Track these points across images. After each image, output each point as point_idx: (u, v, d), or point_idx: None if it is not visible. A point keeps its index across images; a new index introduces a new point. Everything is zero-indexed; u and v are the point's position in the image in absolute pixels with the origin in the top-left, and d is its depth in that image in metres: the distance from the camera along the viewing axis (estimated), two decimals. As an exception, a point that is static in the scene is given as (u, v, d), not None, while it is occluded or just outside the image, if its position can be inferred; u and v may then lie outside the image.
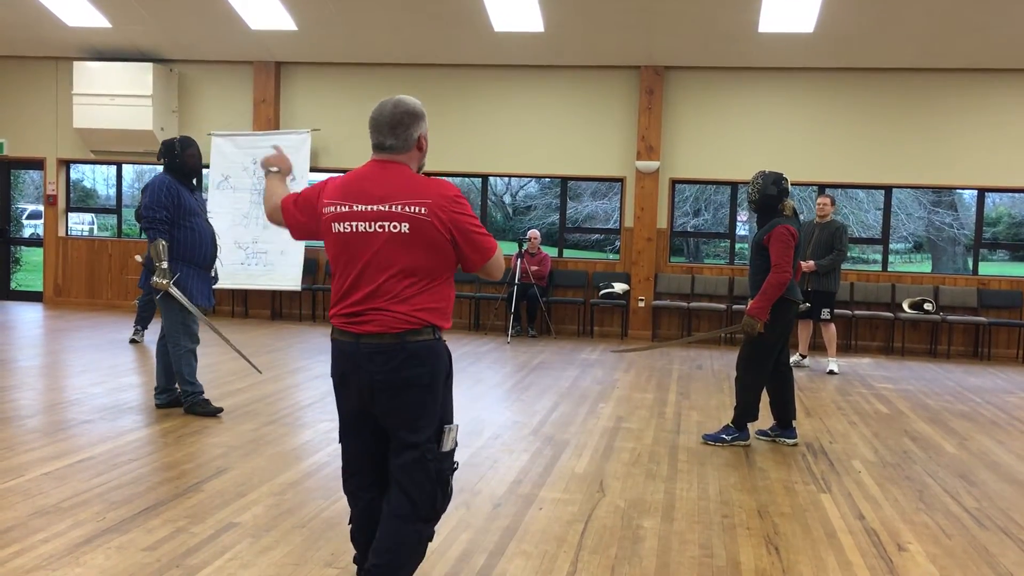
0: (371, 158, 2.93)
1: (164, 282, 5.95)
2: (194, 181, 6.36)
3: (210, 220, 6.42)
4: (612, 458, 5.43)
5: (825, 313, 9.20)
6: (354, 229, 2.82)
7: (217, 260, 6.40)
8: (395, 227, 2.78)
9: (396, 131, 2.87)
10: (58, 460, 4.93)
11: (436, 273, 2.84)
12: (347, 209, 2.84)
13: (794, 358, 9.62)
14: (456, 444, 2.97)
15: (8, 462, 4.86)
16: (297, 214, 3.05)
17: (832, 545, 4.03)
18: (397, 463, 2.90)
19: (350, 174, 2.93)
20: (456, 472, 2.98)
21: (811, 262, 9.07)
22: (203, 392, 6.26)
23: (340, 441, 3.06)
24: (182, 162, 6.20)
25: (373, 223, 2.80)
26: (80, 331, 10.32)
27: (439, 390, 2.89)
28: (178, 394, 6.33)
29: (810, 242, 9.21)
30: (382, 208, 2.79)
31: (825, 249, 9.10)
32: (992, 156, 10.99)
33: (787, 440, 5.96)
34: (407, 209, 2.78)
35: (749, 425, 5.97)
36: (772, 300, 5.61)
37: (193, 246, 6.12)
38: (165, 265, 5.96)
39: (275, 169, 3.37)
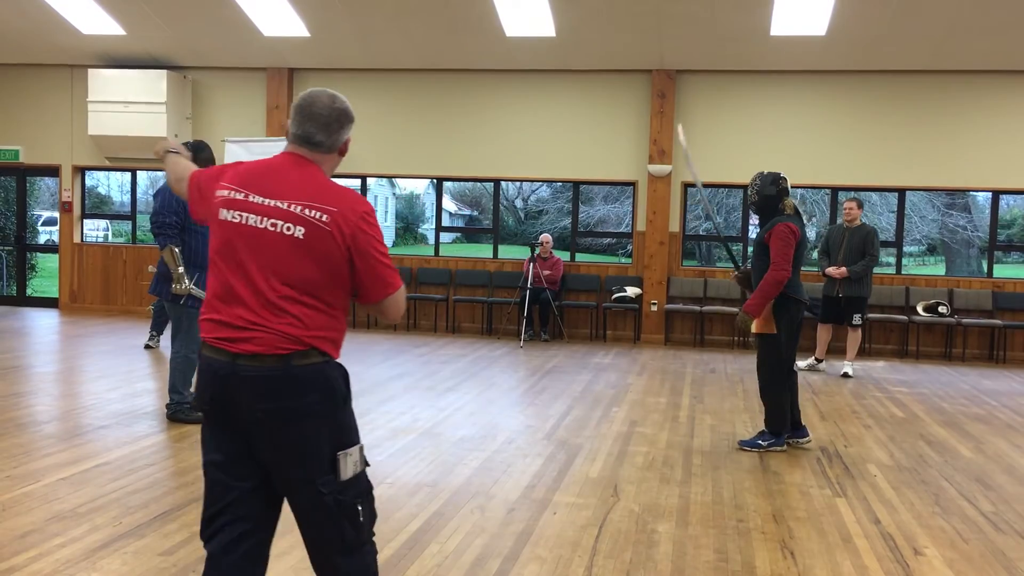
0: (286, 150, 2.60)
1: (184, 287, 5.97)
2: None
3: None
4: (626, 462, 5.43)
5: (856, 318, 9.17)
6: (243, 221, 2.47)
7: None
8: (288, 229, 2.43)
9: (330, 128, 2.57)
10: (74, 465, 4.96)
11: (327, 293, 2.47)
12: (241, 197, 2.49)
13: (809, 361, 9.60)
14: (363, 466, 2.58)
15: (25, 467, 4.90)
16: (195, 191, 2.71)
17: (848, 549, 4.02)
18: (292, 504, 2.55)
19: (257, 162, 2.61)
20: (375, 491, 2.63)
21: (843, 268, 9.06)
22: (188, 401, 6.21)
23: (205, 476, 2.60)
24: (196, 165, 6.20)
25: (265, 219, 2.45)
26: (95, 337, 10.38)
27: (333, 418, 2.51)
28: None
29: (841, 247, 9.18)
30: (280, 205, 2.45)
31: (857, 254, 9.08)
32: (1006, 158, 10.93)
33: (800, 440, 5.93)
34: (307, 212, 2.44)
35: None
36: (769, 298, 5.60)
37: (205, 252, 6.15)
38: (181, 270, 5.98)
39: (176, 151, 3.15)
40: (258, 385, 2.42)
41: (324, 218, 2.43)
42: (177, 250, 5.99)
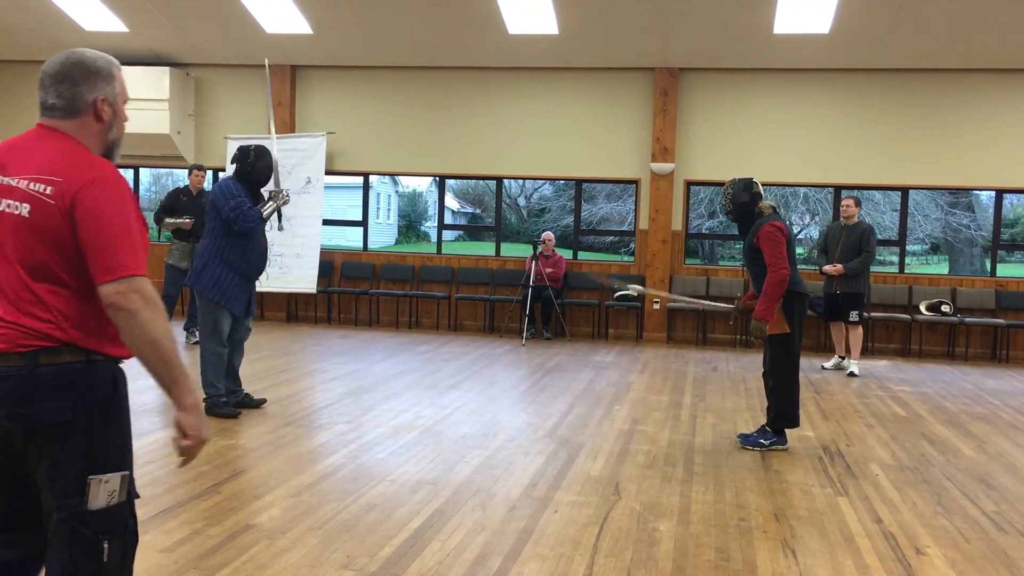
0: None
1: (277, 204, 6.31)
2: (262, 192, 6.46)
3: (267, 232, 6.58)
4: (627, 461, 5.42)
5: (854, 315, 9.19)
6: None
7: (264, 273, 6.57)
8: (16, 208, 2.14)
9: (60, 87, 2.21)
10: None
11: (77, 277, 2.14)
12: None
13: (834, 360, 9.61)
14: (124, 499, 2.22)
15: (27, 464, 4.89)
16: None
17: (849, 549, 4.01)
18: (48, 524, 2.23)
19: (12, 139, 2.31)
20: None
21: (839, 265, 9.11)
22: (224, 395, 6.31)
23: None
24: (252, 171, 6.24)
25: (2, 200, 2.18)
26: (98, 333, 10.37)
27: (88, 433, 2.16)
28: (244, 395, 6.48)
29: (838, 244, 9.23)
30: (11, 182, 2.16)
31: (853, 251, 9.13)
32: (1010, 157, 10.90)
33: (779, 446, 5.90)
34: (32, 187, 2.13)
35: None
36: (775, 300, 5.59)
37: (243, 254, 6.17)
38: (268, 211, 6.22)
39: None
40: (1, 386, 2.13)
41: (48, 190, 2.12)
42: (267, 207, 6.23)
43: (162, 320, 2.13)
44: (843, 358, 9.60)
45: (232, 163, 6.35)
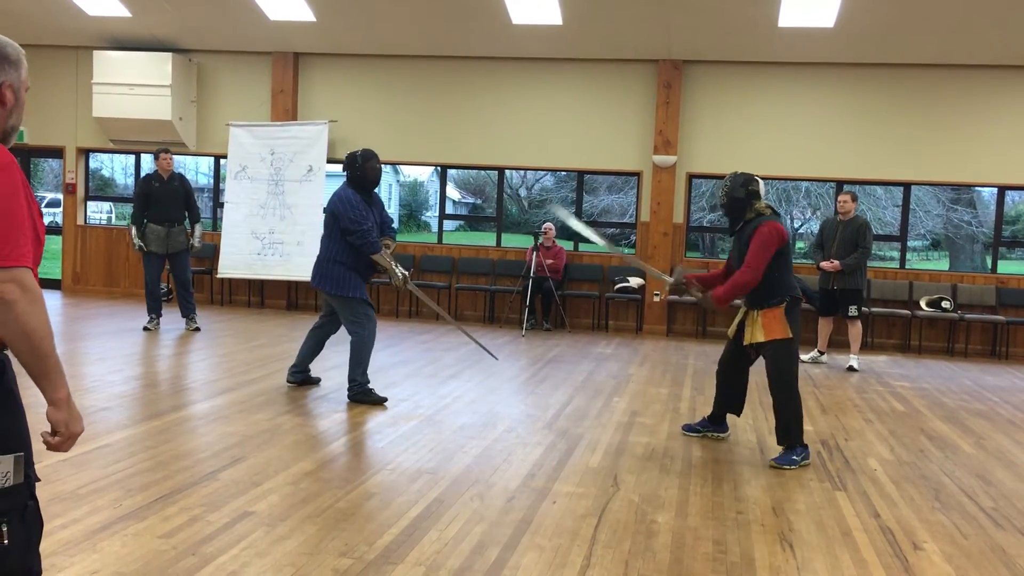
0: None
1: (404, 281, 6.56)
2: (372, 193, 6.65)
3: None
4: (626, 452, 5.43)
5: (852, 310, 9.20)
6: None
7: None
8: None
9: None
10: (76, 447, 4.92)
11: None
12: None
13: (812, 354, 9.62)
14: (20, 480, 2.18)
15: (26, 448, 4.90)
16: None
17: (847, 543, 4.02)
18: None
19: None
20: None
21: (836, 262, 9.09)
22: (369, 382, 6.58)
23: None
24: (363, 174, 6.45)
25: None
26: (97, 319, 10.39)
27: None
28: (309, 376, 6.96)
29: (834, 240, 9.21)
30: None
31: (850, 247, 9.11)
32: (1013, 153, 10.88)
33: (720, 434, 5.93)
34: None
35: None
36: (737, 295, 5.59)
37: (355, 256, 6.44)
38: (398, 269, 6.51)
39: None
40: None
41: None
42: (385, 251, 6.47)
43: (40, 313, 2.06)
44: (822, 353, 9.62)
45: (344, 170, 6.56)
